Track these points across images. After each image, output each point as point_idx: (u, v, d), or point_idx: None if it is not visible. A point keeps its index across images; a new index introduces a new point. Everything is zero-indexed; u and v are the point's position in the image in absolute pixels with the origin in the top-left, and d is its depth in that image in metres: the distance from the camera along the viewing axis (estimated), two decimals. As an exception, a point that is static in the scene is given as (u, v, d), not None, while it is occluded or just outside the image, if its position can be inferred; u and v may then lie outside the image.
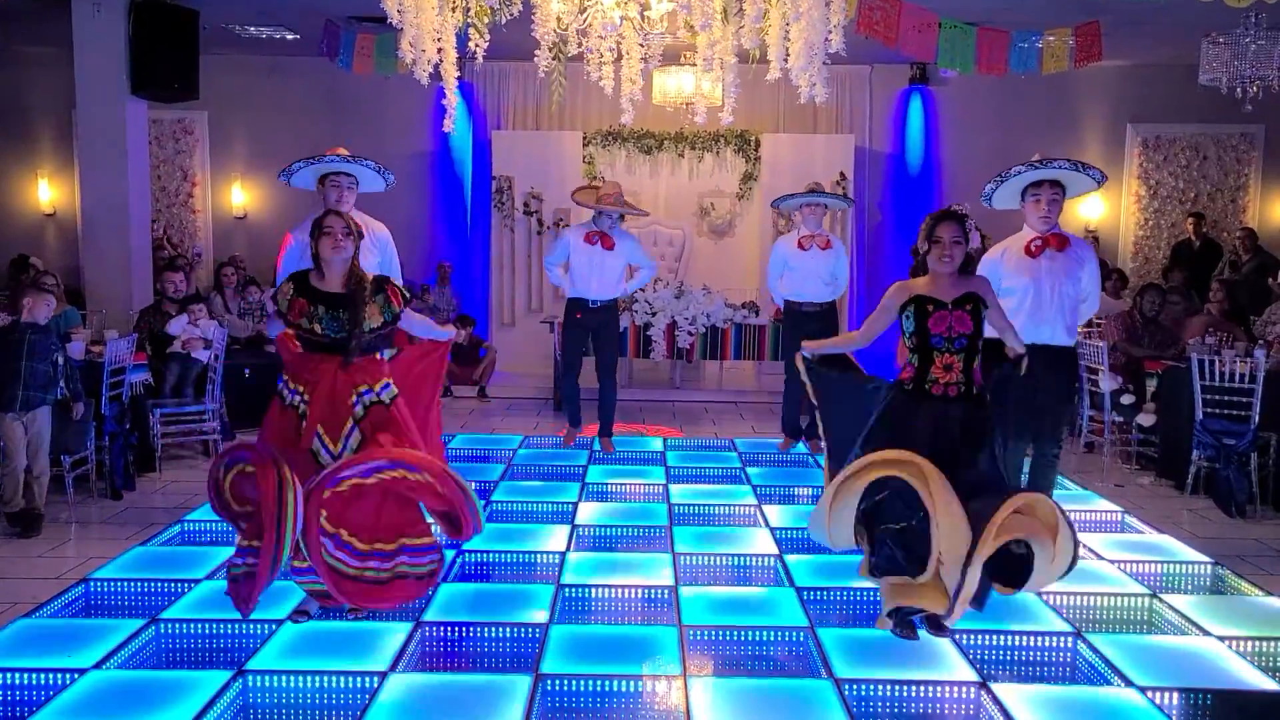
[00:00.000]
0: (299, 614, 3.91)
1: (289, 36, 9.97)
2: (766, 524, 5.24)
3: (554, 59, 5.25)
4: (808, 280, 6.79)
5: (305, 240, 4.44)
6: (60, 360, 5.46)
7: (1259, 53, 6.92)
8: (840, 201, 7.63)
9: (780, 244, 7.06)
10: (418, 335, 4.37)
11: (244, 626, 3.82)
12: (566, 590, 4.28)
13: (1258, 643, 3.85)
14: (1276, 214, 11.25)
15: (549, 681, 3.44)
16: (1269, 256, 9.88)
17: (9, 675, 3.42)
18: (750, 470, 6.38)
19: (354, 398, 3.81)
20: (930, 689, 3.44)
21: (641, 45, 5.29)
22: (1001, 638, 3.85)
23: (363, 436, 3.79)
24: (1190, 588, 4.61)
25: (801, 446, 6.98)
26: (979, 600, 3.67)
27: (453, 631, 3.88)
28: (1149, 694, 3.39)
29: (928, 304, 3.69)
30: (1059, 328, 4.65)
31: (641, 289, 8.96)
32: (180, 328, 7.01)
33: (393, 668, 3.52)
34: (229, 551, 4.64)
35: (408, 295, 4.06)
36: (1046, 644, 3.88)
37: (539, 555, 4.71)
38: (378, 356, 3.97)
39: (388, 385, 3.92)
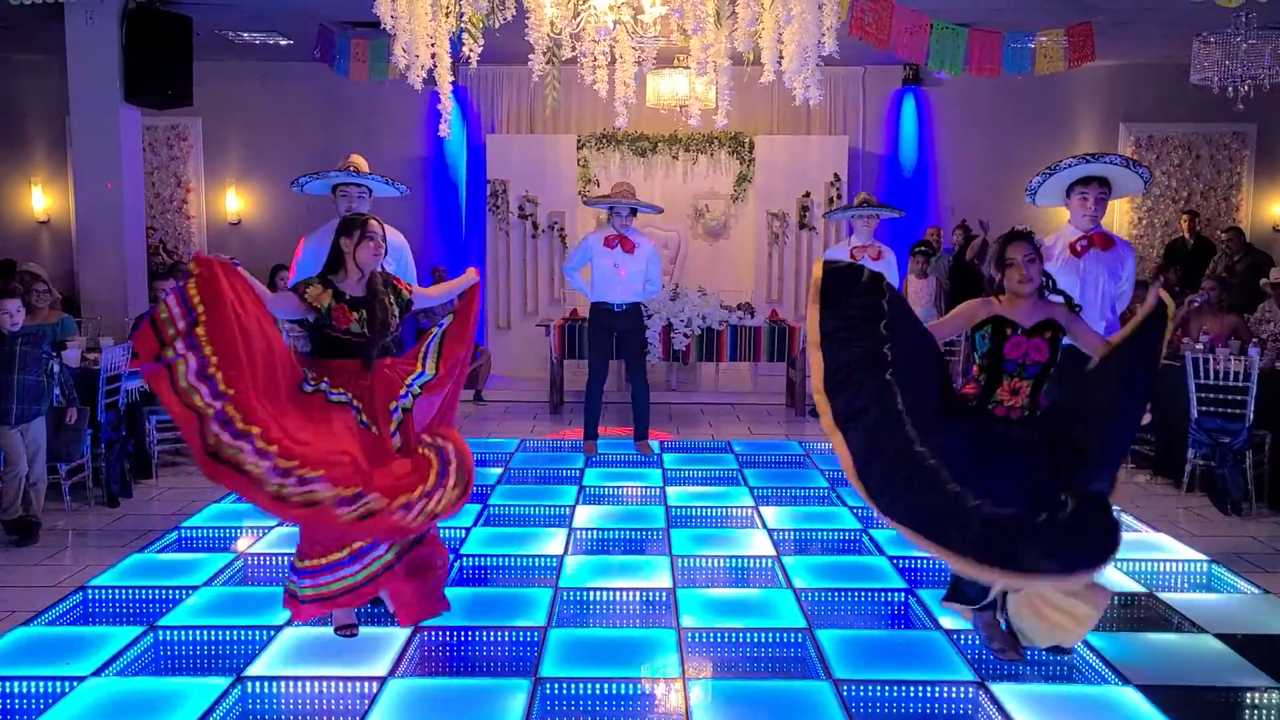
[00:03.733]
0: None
1: (283, 42, 9.96)
2: (764, 525, 5.25)
3: (548, 63, 5.25)
4: None
5: (319, 247, 4.50)
6: (56, 369, 5.44)
7: (1250, 52, 6.96)
8: (892, 211, 7.39)
9: (833, 254, 7.06)
10: (440, 302, 4.51)
11: (242, 633, 3.82)
12: (565, 594, 4.29)
13: (1254, 640, 3.86)
14: (1269, 212, 11.28)
15: (548, 685, 3.44)
16: (1261, 255, 9.90)
17: (7, 684, 3.41)
18: (747, 472, 6.39)
19: (403, 390, 3.86)
20: (929, 689, 3.45)
21: (635, 48, 5.29)
22: (999, 637, 3.85)
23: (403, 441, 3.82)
24: (1186, 585, 4.63)
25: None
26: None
27: (451, 636, 3.88)
28: (1146, 692, 3.40)
29: (1006, 326, 3.51)
30: (1099, 326, 4.67)
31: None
32: None
33: (391, 673, 3.52)
34: (226, 558, 4.67)
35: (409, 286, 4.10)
36: (1044, 643, 3.89)
37: (537, 559, 4.72)
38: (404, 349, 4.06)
39: (420, 374, 3.95)
